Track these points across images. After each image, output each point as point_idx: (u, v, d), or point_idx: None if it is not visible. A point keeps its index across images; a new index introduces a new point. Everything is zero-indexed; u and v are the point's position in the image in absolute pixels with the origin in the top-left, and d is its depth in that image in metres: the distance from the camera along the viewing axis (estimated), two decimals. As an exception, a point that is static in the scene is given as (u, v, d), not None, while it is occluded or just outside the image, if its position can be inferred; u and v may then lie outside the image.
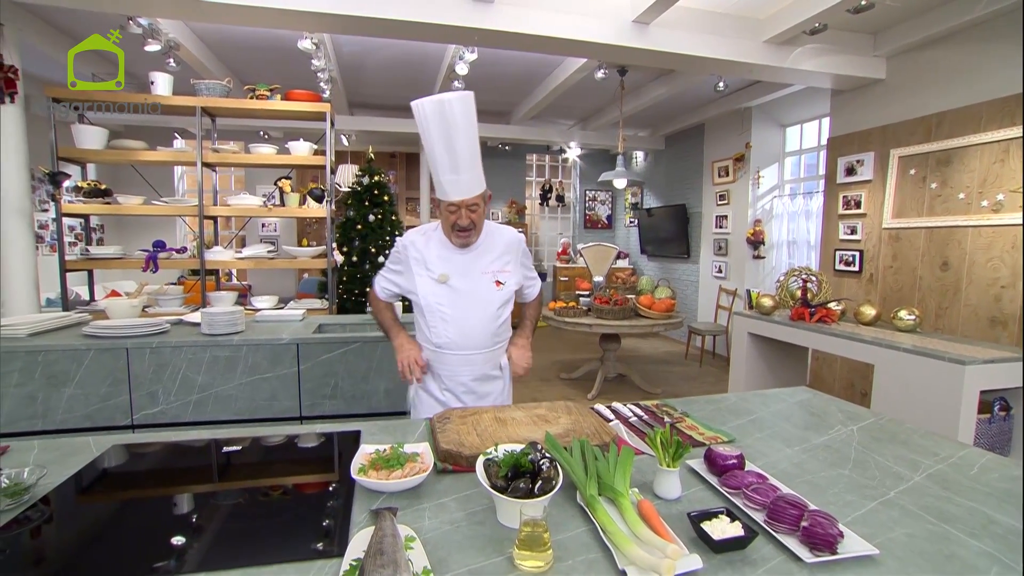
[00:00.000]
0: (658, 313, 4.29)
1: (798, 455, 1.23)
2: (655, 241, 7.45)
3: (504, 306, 1.71)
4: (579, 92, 5.39)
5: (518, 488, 0.87)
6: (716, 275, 6.30)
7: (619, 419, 1.45)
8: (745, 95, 5.35)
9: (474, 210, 1.58)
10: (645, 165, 8.00)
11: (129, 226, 6.50)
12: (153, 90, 3.29)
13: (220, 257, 3.65)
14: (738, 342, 3.73)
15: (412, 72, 5.03)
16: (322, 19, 3.07)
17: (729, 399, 1.65)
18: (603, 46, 3.43)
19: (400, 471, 1.02)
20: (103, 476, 1.14)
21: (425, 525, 0.92)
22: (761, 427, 1.41)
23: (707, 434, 1.33)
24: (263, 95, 3.55)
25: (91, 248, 3.42)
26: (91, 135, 3.28)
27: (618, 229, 8.86)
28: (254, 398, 2.49)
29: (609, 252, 4.82)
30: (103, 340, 2.31)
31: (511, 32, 3.25)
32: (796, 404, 1.62)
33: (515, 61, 4.68)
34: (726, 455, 1.08)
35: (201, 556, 0.83)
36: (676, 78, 4.84)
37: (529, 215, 8.84)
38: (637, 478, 1.10)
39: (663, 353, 6.56)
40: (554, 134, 7.22)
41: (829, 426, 1.43)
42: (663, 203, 7.36)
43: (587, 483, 0.97)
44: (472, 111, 1.49)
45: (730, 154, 5.96)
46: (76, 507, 1.01)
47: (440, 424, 1.32)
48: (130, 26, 3.12)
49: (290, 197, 3.80)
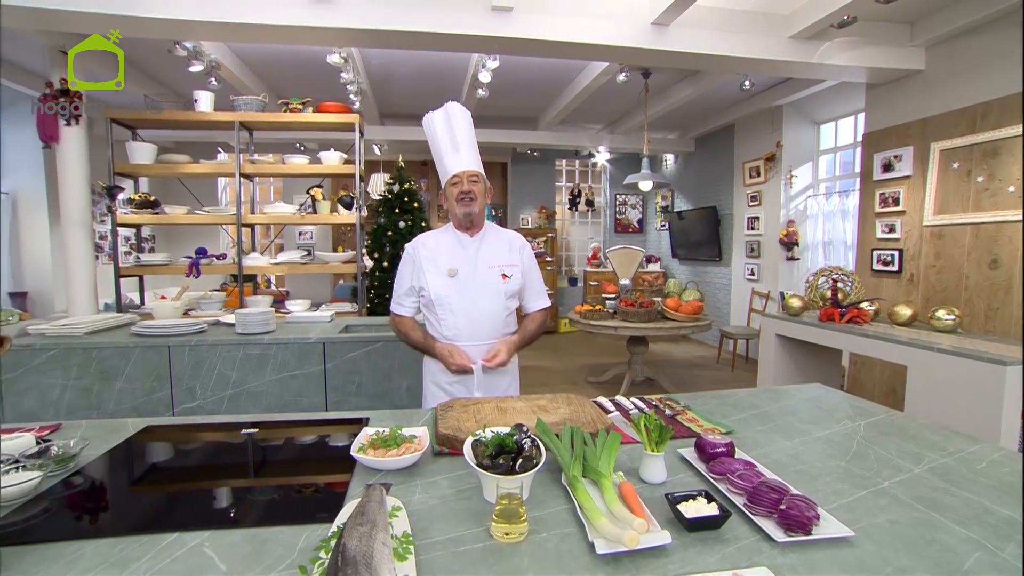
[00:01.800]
0: (685, 316, 4.24)
1: (795, 447, 1.22)
2: (686, 244, 7.34)
3: (511, 298, 1.78)
4: (604, 96, 5.41)
5: (498, 465, 0.92)
6: (748, 278, 6.15)
7: (620, 411, 1.47)
8: (775, 93, 5.24)
9: (475, 181, 1.73)
10: (675, 168, 7.91)
11: (178, 235, 6.93)
12: (196, 107, 3.54)
13: (257, 263, 3.86)
14: (766, 344, 3.65)
15: (439, 82, 5.18)
16: (349, 34, 3.23)
17: (737, 394, 1.64)
18: (622, 49, 3.46)
19: (396, 450, 1.09)
20: (136, 450, 1.26)
21: (415, 499, 0.98)
22: (763, 420, 1.40)
23: (706, 426, 1.34)
24: (296, 108, 3.76)
25: (141, 256, 3.68)
26: (142, 151, 3.55)
27: (649, 233, 8.77)
28: (283, 395, 2.63)
29: (635, 255, 4.80)
30: (148, 339, 2.51)
31: (530, 39, 3.32)
32: (806, 400, 1.60)
33: (538, 67, 4.76)
34: (715, 443, 1.09)
35: (210, 515, 0.92)
36: (702, 78, 4.79)
37: (559, 220, 8.87)
38: (627, 464, 1.13)
39: (694, 357, 6.44)
40: (582, 139, 7.25)
41: (835, 420, 1.41)
42: (694, 206, 7.26)
43: (571, 465, 1.01)
44: (468, 118, 1.78)
45: (761, 154, 5.83)
46: (112, 473, 1.13)
47: (443, 411, 1.38)
48: (176, 49, 3.37)
49: (321, 205, 3.99)
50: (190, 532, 0.86)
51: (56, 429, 1.32)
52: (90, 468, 1.12)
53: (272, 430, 1.39)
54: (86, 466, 1.13)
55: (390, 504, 0.91)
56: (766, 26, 3.58)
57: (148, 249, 6.32)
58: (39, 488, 0.99)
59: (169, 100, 3.64)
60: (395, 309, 1.83)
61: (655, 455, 1.02)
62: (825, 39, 3.67)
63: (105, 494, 1.03)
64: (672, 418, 1.41)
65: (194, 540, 0.84)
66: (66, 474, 1.07)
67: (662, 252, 8.25)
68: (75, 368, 2.45)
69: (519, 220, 8.48)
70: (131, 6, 2.78)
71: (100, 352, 2.46)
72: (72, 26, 2.93)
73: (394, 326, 1.84)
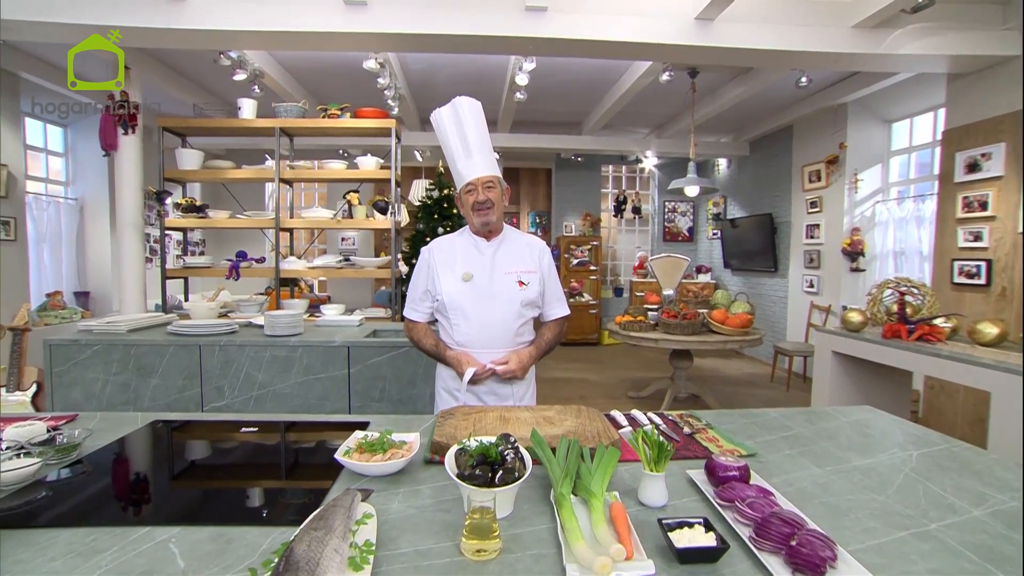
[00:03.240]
0: (732, 329, 4.03)
1: (826, 475, 1.10)
2: (740, 254, 7.03)
3: (527, 307, 1.73)
4: (649, 98, 5.30)
5: (475, 476, 0.88)
6: (807, 290, 5.80)
7: (633, 426, 1.39)
8: (838, 90, 4.95)
9: (490, 188, 1.67)
10: (728, 173, 7.62)
11: (226, 239, 7.33)
12: (240, 115, 3.73)
13: (294, 266, 4.00)
14: (821, 362, 3.41)
15: (478, 86, 5.24)
16: (383, 39, 3.33)
17: (768, 414, 1.52)
18: (663, 47, 3.37)
19: (381, 456, 1.06)
20: (136, 444, 1.30)
21: (393, 507, 0.95)
22: (794, 444, 1.28)
23: (726, 446, 1.24)
24: (334, 114, 3.89)
25: (186, 259, 3.91)
26: (190, 157, 3.78)
27: (700, 242, 8.48)
28: (307, 397, 2.69)
29: (680, 264, 4.63)
30: (181, 337, 2.64)
31: (566, 39, 3.29)
32: (849, 423, 1.45)
33: (579, 69, 4.72)
34: (727, 465, 1.00)
35: (186, 511, 0.92)
36: (754, 76, 4.59)
37: (605, 228, 8.73)
38: (628, 484, 1.06)
39: (745, 374, 6.12)
40: (628, 143, 7.12)
41: (881, 448, 1.27)
42: (748, 213, 6.95)
43: (561, 481, 0.95)
44: (480, 112, 1.72)
45: (822, 157, 5.51)
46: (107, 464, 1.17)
47: (443, 418, 1.35)
48: (221, 59, 3.58)
49: (357, 210, 4.10)
50: (162, 527, 0.87)
51: (72, 419, 1.40)
52: (90, 459, 1.17)
53: (271, 431, 1.41)
54: (87, 456, 1.18)
55: (362, 511, 0.89)
56: (824, 16, 3.38)
57: (199, 252, 6.72)
58: (38, 475, 1.04)
59: (217, 108, 3.87)
60: (408, 314, 1.82)
61: (655, 475, 0.95)
62: (895, 27, 3.41)
63: (94, 485, 1.06)
64: (690, 436, 1.31)
65: (163, 535, 0.85)
66: (67, 463, 1.12)
67: (713, 262, 7.94)
68: (115, 364, 2.61)
69: (563, 227, 8.42)
70: (178, 20, 2.98)
71: (138, 349, 2.61)
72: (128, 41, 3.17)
73: (407, 331, 1.84)
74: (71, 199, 5.16)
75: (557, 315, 1.82)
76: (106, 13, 2.92)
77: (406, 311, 1.83)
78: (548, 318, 1.82)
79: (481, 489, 0.86)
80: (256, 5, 3.05)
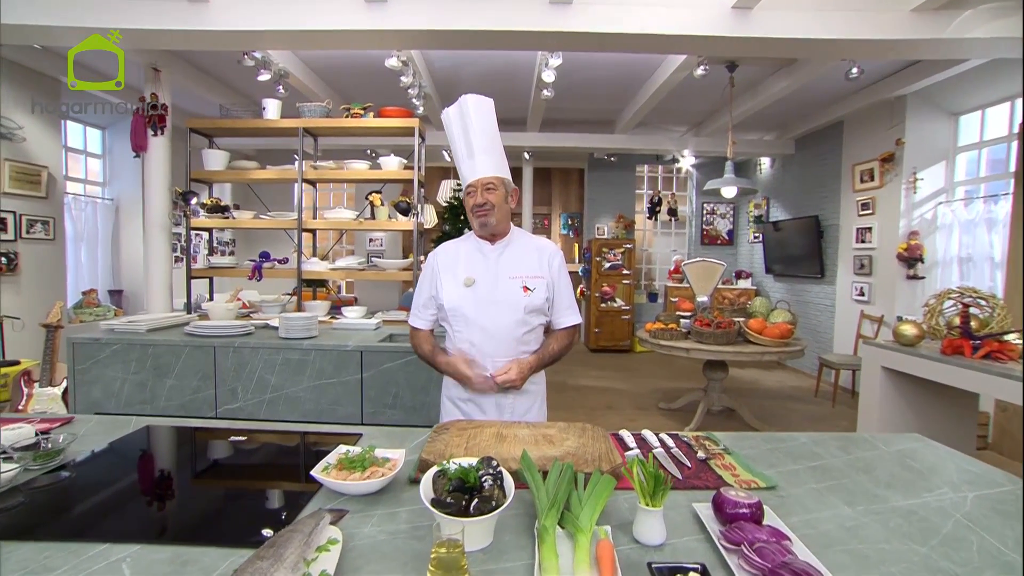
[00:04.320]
0: (770, 339, 3.83)
1: (858, 516, 0.99)
2: (783, 259, 6.73)
3: (533, 314, 1.66)
4: (685, 94, 5.13)
5: (446, 504, 0.82)
6: (857, 298, 5.48)
7: (643, 449, 1.30)
8: (896, 81, 4.65)
9: (490, 190, 1.63)
10: (771, 173, 7.32)
11: (256, 239, 7.53)
12: (264, 115, 3.81)
13: (316, 268, 4.05)
14: (869, 379, 3.19)
15: (506, 84, 5.20)
16: (405, 36, 3.32)
17: (798, 439, 1.39)
18: (697, 39, 3.23)
19: (359, 474, 1.02)
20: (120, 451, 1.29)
21: (365, 531, 0.90)
22: (823, 476, 1.16)
23: (742, 476, 1.13)
24: (357, 113, 3.91)
25: (212, 259, 4.01)
26: (215, 158, 3.88)
27: (740, 245, 8.17)
28: (319, 402, 2.69)
29: (715, 269, 4.45)
30: (196, 338, 2.68)
31: (592, 32, 3.20)
32: (892, 453, 1.31)
33: (609, 64, 4.61)
34: (737, 501, 0.90)
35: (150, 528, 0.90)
36: (799, 68, 4.37)
37: (639, 231, 8.55)
38: (626, 517, 0.97)
39: (787, 388, 5.84)
40: (665, 142, 6.94)
41: (930, 487, 1.13)
42: (792, 215, 6.65)
43: (547, 512, 0.88)
44: (489, 111, 1.67)
45: (876, 154, 5.20)
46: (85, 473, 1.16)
47: (436, 434, 1.30)
48: (245, 60, 3.66)
49: (380, 211, 4.11)
50: (120, 544, 0.85)
51: (68, 422, 1.41)
52: (73, 465, 1.16)
53: (260, 440, 1.38)
54: (70, 463, 1.17)
55: (328, 535, 0.84)
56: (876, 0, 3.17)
57: (228, 252, 6.93)
58: (14, 481, 1.04)
59: (244, 109, 3.96)
60: (412, 321, 1.79)
61: (651, 510, 0.86)
62: (961, 7, 3.15)
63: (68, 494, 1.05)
64: (704, 462, 1.21)
65: (120, 554, 0.82)
66: (49, 468, 1.12)
67: (754, 267, 7.64)
68: (134, 363, 2.68)
69: (595, 230, 8.29)
70: (201, 21, 3.05)
71: (155, 349, 2.68)
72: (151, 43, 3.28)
73: (410, 339, 1.81)
74: (108, 199, 5.41)
75: (567, 324, 1.74)
76: (129, 16, 3.02)
77: (410, 318, 1.80)
78: (557, 327, 1.74)
79: (453, 518, 0.80)
80: (277, 4, 3.10)
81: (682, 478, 1.12)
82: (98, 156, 5.41)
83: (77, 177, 5.18)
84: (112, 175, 5.49)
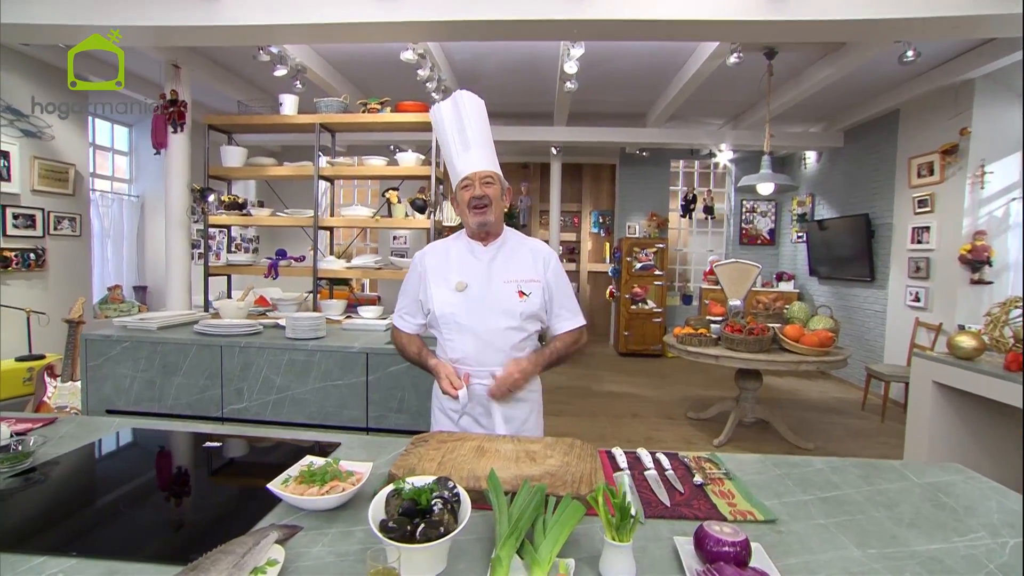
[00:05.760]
0: (807, 348, 3.65)
1: (868, 561, 0.89)
2: (829, 260, 6.43)
3: (528, 320, 1.60)
4: (721, 84, 4.95)
5: (388, 528, 0.77)
6: (911, 304, 5.17)
7: (635, 470, 1.23)
8: (961, 64, 4.34)
9: (488, 184, 1.58)
10: (817, 167, 7.00)
11: (278, 236, 7.70)
12: (281, 111, 3.87)
13: (332, 266, 4.09)
14: (918, 395, 2.99)
15: (529, 76, 5.14)
16: (420, 27, 3.31)
17: (814, 464, 1.29)
18: (729, 24, 3.09)
19: (316, 489, 0.99)
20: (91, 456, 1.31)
21: (313, 552, 0.87)
22: (835, 510, 1.06)
23: (739, 506, 1.04)
24: (374, 108, 3.93)
25: (229, 256, 4.11)
26: (233, 155, 3.97)
27: (782, 245, 7.86)
28: (324, 404, 2.70)
29: (748, 271, 4.27)
30: (204, 337, 2.74)
31: (616, 20, 3.11)
32: (924, 487, 1.19)
33: (637, 54, 4.49)
34: (719, 539, 0.82)
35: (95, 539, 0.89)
36: (846, 53, 4.14)
37: (674, 229, 8.34)
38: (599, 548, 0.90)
39: (830, 399, 5.57)
40: (700, 135, 6.74)
41: (962, 529, 1.01)
42: (839, 213, 6.34)
43: (504, 540, 0.82)
44: (482, 109, 1.64)
45: (936, 146, 4.89)
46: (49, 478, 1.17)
47: (412, 446, 1.26)
48: (260, 55, 3.72)
49: (396, 208, 4.12)
50: (58, 558, 0.84)
51: (51, 423, 1.44)
52: (42, 468, 1.18)
53: (236, 447, 1.38)
54: (44, 464, 1.19)
55: (268, 556, 0.81)
56: (932, -24, 2.95)
57: (252, 249, 7.12)
58: (-23, 484, 1.05)
59: (262, 105, 4.04)
60: (395, 322, 1.75)
61: (618, 545, 0.79)
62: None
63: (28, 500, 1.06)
64: (699, 487, 1.13)
65: (54, 568, 0.81)
66: (17, 471, 1.14)
67: (797, 269, 7.33)
68: (143, 361, 2.76)
69: (626, 228, 8.13)
70: (215, 16, 3.12)
71: (163, 347, 2.74)
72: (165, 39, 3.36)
73: (392, 338, 1.78)
74: (133, 196, 5.64)
75: (565, 329, 1.68)
76: (142, 13, 3.11)
77: (394, 319, 1.76)
78: (555, 332, 1.68)
79: (397, 544, 0.75)
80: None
81: (669, 505, 1.04)
82: (125, 153, 5.64)
83: (104, 174, 5.41)
84: (138, 172, 5.72)
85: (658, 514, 1.01)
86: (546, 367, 1.65)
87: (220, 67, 4.83)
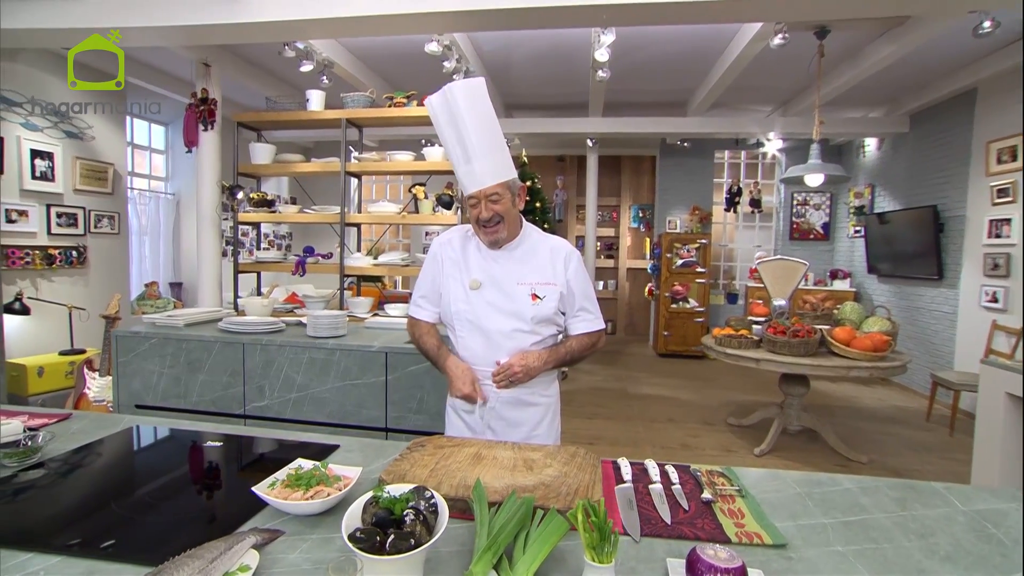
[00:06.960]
0: (859, 352, 3.46)
1: (886, 592, 0.82)
2: (890, 256, 6.09)
3: (542, 324, 1.58)
4: (768, 68, 4.76)
5: (356, 538, 0.77)
6: (987, 305, 4.83)
7: (639, 483, 1.18)
8: (1044, 38, 4.02)
9: (495, 201, 1.52)
10: (878, 156, 6.64)
11: (311, 233, 7.90)
12: (308, 107, 3.96)
13: (359, 263, 4.17)
14: (988, 407, 2.80)
15: (561, 66, 5.08)
16: (444, 18, 3.33)
17: (842, 484, 1.21)
18: (773, 1, 2.96)
19: (301, 493, 0.99)
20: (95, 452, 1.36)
21: (290, 558, 0.88)
22: (857, 536, 0.99)
23: (748, 527, 0.99)
24: (400, 102, 3.97)
25: (257, 253, 4.25)
26: (261, 152, 4.09)
27: (838, 240, 7.50)
28: (344, 403, 2.75)
29: (795, 269, 4.09)
30: (227, 335, 2.83)
31: (649, 2, 3.03)
32: (969, 515, 1.10)
33: (675, 39, 4.37)
34: (711, 564, 0.78)
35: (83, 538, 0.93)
36: (911, 29, 3.87)
37: (718, 224, 8.10)
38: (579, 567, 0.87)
39: (890, 407, 5.28)
40: (746, 124, 6.51)
41: (1006, 567, 0.92)
42: (903, 205, 5.99)
43: (480, 555, 0.80)
44: (481, 97, 1.49)
45: (1019, 128, 4.54)
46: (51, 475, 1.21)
47: (408, 451, 1.26)
48: (285, 51, 3.82)
49: (423, 204, 4.15)
50: (44, 555, 0.87)
51: (66, 418, 1.52)
52: (49, 464, 1.24)
53: (236, 447, 1.41)
54: (52, 460, 1.25)
55: (242, 561, 0.82)
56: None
57: (285, 246, 7.34)
58: (-14, 478, 1.11)
59: (290, 101, 4.14)
60: (413, 311, 1.75)
61: (599, 567, 0.76)
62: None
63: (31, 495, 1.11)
64: (707, 504, 1.08)
65: (39, 565, 0.85)
66: (25, 466, 1.20)
67: (854, 266, 6.98)
68: (169, 357, 2.88)
69: (666, 223, 7.95)
70: (239, 14, 3.22)
71: (189, 344, 2.85)
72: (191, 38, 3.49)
73: (408, 329, 1.77)
74: (169, 194, 5.92)
75: (583, 331, 1.64)
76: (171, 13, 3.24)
77: (411, 308, 1.76)
78: (574, 332, 1.65)
79: (363, 554, 0.74)
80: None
81: (670, 523, 1.00)
82: (161, 152, 5.92)
83: (142, 173, 5.70)
84: (173, 170, 5.99)
85: (656, 532, 0.97)
86: (556, 366, 1.62)
87: (250, 64, 4.99)
